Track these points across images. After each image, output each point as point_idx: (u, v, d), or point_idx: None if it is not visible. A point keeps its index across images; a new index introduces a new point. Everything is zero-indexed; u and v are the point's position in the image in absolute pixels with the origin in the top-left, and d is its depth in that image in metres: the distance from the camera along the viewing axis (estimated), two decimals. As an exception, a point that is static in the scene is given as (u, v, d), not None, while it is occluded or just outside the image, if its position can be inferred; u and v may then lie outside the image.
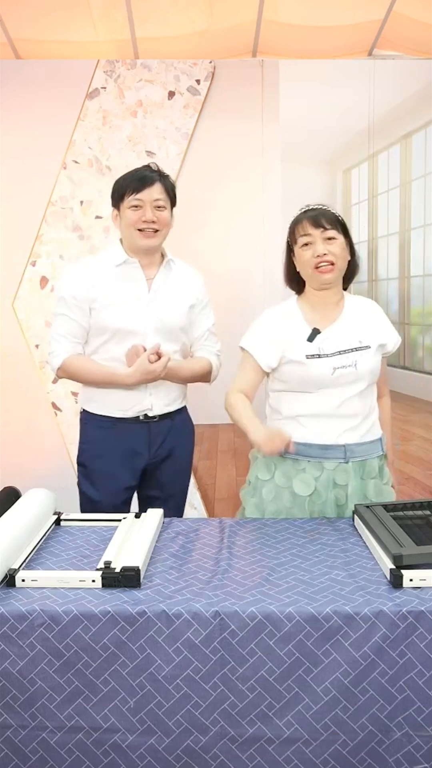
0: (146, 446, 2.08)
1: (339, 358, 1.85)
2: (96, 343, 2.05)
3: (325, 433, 1.86)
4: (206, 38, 2.99)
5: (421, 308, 3.27)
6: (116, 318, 2.01)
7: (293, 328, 1.90)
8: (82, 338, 2.06)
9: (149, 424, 2.07)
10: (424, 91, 3.12)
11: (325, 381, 1.85)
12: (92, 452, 2.09)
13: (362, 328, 1.91)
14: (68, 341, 2.04)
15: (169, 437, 2.11)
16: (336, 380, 1.85)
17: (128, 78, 3.06)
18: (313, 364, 1.85)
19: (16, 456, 3.16)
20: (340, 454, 1.86)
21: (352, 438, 1.87)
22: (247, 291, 3.17)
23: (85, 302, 2.01)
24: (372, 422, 1.93)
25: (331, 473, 1.87)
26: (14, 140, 3.05)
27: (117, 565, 1.43)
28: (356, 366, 1.85)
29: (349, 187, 3.24)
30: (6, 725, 1.35)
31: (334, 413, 1.86)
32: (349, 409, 1.87)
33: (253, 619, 1.31)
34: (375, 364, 1.90)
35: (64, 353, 2.04)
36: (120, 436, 2.06)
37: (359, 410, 1.88)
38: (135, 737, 1.33)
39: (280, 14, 2.88)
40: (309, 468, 1.87)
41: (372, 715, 1.31)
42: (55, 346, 2.06)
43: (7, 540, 1.50)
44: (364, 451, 1.89)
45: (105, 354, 2.04)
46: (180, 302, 2.09)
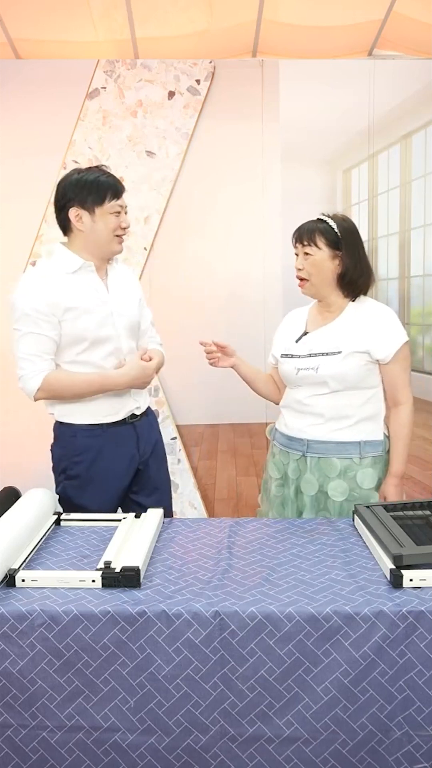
0: (135, 446, 2.07)
1: (305, 360, 1.97)
2: (72, 354, 1.96)
3: (292, 425, 2.01)
4: (206, 38, 2.99)
5: (421, 308, 3.27)
6: (91, 324, 1.95)
7: (293, 328, 2.08)
8: (53, 353, 1.95)
9: (134, 424, 2.07)
10: (424, 91, 3.12)
11: (291, 379, 2.01)
12: (87, 463, 2.00)
13: (345, 334, 1.94)
14: (41, 359, 1.92)
15: (150, 434, 2.13)
16: (301, 380, 1.98)
17: (128, 78, 3.06)
18: (284, 363, 2.02)
19: (16, 456, 3.16)
20: (300, 446, 1.99)
21: (314, 434, 1.96)
22: (247, 291, 3.17)
23: (53, 314, 1.90)
24: (346, 425, 1.94)
25: (294, 462, 2.00)
26: (14, 140, 3.05)
27: (117, 565, 1.44)
28: (317, 370, 1.93)
29: (349, 187, 3.24)
30: (6, 724, 1.35)
31: (301, 408, 1.99)
32: (314, 408, 1.96)
33: (253, 619, 1.31)
34: (343, 371, 1.91)
35: (40, 372, 1.92)
36: (111, 441, 2.02)
37: (325, 410, 1.95)
38: (135, 736, 1.34)
39: (280, 14, 2.88)
40: (279, 455, 2.06)
41: (372, 714, 1.31)
42: (28, 367, 1.92)
43: (7, 540, 1.50)
44: (327, 450, 1.94)
45: (83, 362, 1.97)
46: (132, 298, 2.09)
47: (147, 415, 2.14)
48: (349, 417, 1.94)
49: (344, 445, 1.94)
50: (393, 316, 1.98)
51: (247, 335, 3.15)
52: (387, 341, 1.92)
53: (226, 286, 3.18)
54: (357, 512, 1.73)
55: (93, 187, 1.93)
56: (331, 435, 1.94)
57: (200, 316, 3.11)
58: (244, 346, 3.14)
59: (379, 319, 1.95)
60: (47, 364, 1.94)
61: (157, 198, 3.11)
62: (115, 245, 2.00)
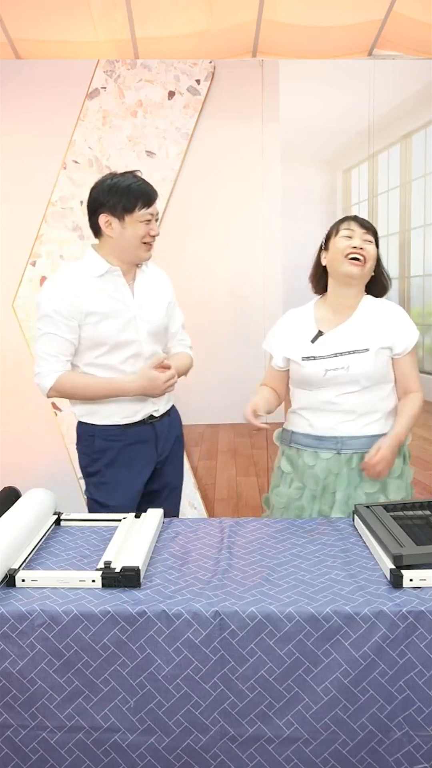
0: (154, 447, 2.09)
1: (332, 361, 1.94)
2: (91, 357, 1.99)
3: (320, 425, 1.98)
4: (206, 38, 2.99)
5: (421, 308, 3.27)
6: (112, 330, 1.97)
7: (302, 329, 2.03)
8: (71, 355, 1.99)
9: (154, 425, 2.08)
10: (424, 91, 3.12)
11: (318, 381, 1.96)
12: (105, 462, 2.04)
13: (367, 330, 1.96)
14: (57, 360, 1.96)
15: (170, 434, 2.13)
16: (328, 381, 1.95)
17: (128, 78, 3.06)
18: (308, 366, 1.96)
19: (16, 456, 3.16)
20: (332, 444, 1.96)
21: (346, 430, 1.96)
22: (247, 291, 3.17)
23: (73, 318, 1.94)
24: (376, 419, 1.97)
25: (325, 462, 1.97)
26: (14, 140, 3.05)
27: (117, 565, 1.44)
28: (348, 369, 1.93)
29: (349, 187, 3.24)
30: (6, 725, 1.35)
31: (329, 408, 1.97)
32: (343, 405, 1.95)
33: (253, 619, 1.31)
34: (374, 367, 1.93)
35: (54, 373, 1.96)
36: (130, 441, 2.04)
37: (355, 406, 1.95)
38: (135, 737, 1.34)
39: (280, 14, 2.88)
40: (306, 456, 2.00)
41: (372, 714, 1.31)
42: (44, 366, 1.97)
43: (7, 540, 1.50)
44: (361, 445, 1.95)
45: (102, 365, 2.00)
46: (160, 302, 2.09)
47: (169, 415, 2.14)
48: (378, 411, 1.97)
49: (376, 438, 1.94)
50: (405, 313, 2.04)
51: (247, 335, 3.15)
52: (406, 336, 1.97)
53: (226, 286, 3.18)
54: (357, 512, 1.73)
55: (124, 194, 1.94)
56: (363, 430, 1.95)
57: (200, 316, 3.11)
58: (244, 346, 3.15)
59: (397, 316, 2.01)
60: (62, 365, 1.98)
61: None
62: (143, 252, 2.01)
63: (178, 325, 2.18)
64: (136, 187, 1.94)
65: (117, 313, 1.98)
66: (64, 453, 3.17)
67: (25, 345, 3.14)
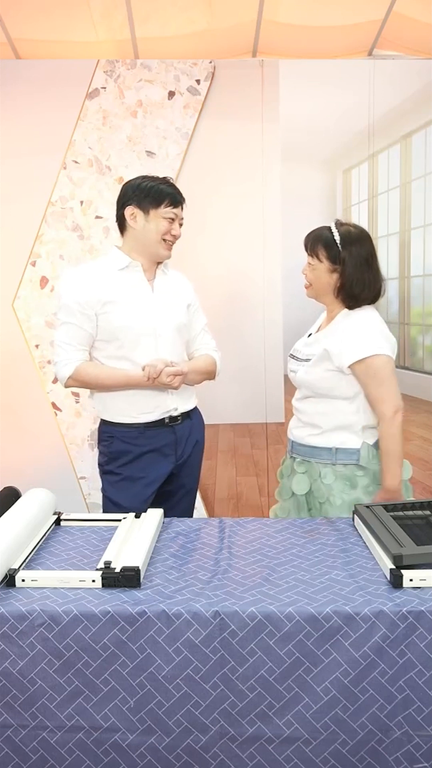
0: (173, 449, 2.10)
1: (292, 363, 2.07)
2: (110, 349, 2.02)
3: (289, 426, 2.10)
4: (206, 38, 2.99)
5: (421, 308, 3.27)
6: (127, 320, 2.00)
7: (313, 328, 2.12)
8: (89, 345, 2.03)
9: (174, 427, 2.09)
10: (424, 91, 3.12)
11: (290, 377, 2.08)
12: (123, 461, 2.06)
13: (323, 341, 1.97)
14: (75, 349, 2.02)
15: (190, 437, 2.15)
16: (293, 380, 2.07)
17: (128, 78, 3.06)
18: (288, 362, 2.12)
19: (16, 456, 3.16)
20: (289, 446, 2.09)
21: (295, 435, 2.04)
22: (247, 291, 3.17)
23: (91, 308, 1.99)
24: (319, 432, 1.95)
25: (289, 460, 2.08)
26: (14, 140, 3.05)
27: (117, 565, 1.44)
28: (296, 374, 2.02)
29: (349, 187, 3.24)
30: (6, 725, 1.35)
31: (294, 409, 2.07)
32: (298, 409, 2.04)
33: (253, 619, 1.31)
34: (313, 379, 1.95)
35: (74, 361, 2.01)
36: (149, 442, 2.06)
37: (302, 413, 2.02)
38: (135, 736, 1.34)
39: (280, 14, 2.88)
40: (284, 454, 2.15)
41: (372, 714, 1.31)
42: (63, 354, 2.02)
43: (7, 540, 1.50)
44: (306, 453, 2.00)
45: (121, 358, 2.03)
46: (179, 302, 2.13)
47: (190, 417, 2.15)
48: (319, 426, 1.96)
49: (317, 450, 1.97)
50: (370, 328, 1.90)
51: (247, 335, 3.15)
52: (350, 350, 1.86)
53: (226, 285, 3.18)
54: (357, 512, 1.74)
55: (153, 191, 2.01)
56: (307, 439, 2.00)
57: (200, 316, 3.11)
58: (244, 346, 3.16)
59: (352, 329, 1.90)
60: (80, 354, 2.03)
61: (157, 198, 3.11)
62: (162, 249, 2.05)
63: (200, 327, 2.21)
64: (165, 187, 2.03)
65: (135, 305, 2.02)
66: (64, 453, 3.17)
67: (25, 345, 3.14)
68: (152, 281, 2.08)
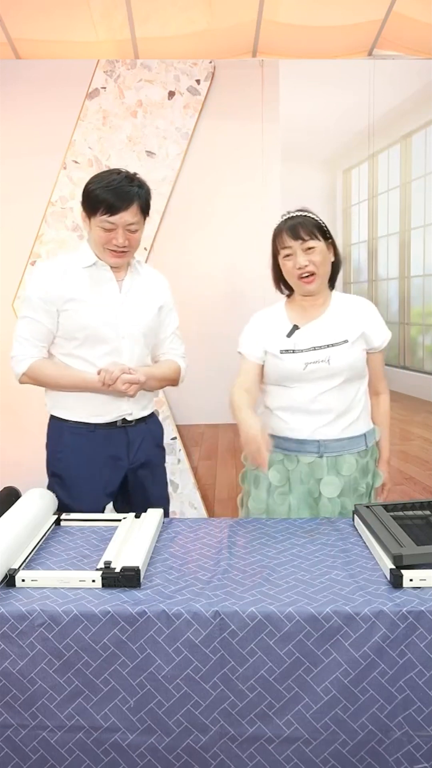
0: (125, 452, 2.03)
1: (312, 354, 1.89)
2: (68, 347, 1.96)
3: (301, 428, 1.91)
4: (206, 38, 2.99)
5: (421, 308, 3.27)
6: (89, 320, 1.94)
7: (276, 325, 1.98)
8: (47, 341, 1.97)
9: (126, 429, 2.02)
10: (424, 91, 3.12)
11: (298, 375, 1.90)
12: (70, 460, 1.99)
13: (343, 324, 1.93)
14: (32, 345, 1.95)
15: (145, 442, 2.07)
16: (308, 375, 1.89)
17: (128, 78, 3.06)
18: (287, 359, 1.91)
19: (16, 456, 3.16)
20: (314, 448, 1.91)
21: (327, 434, 1.91)
22: (246, 291, 3.17)
23: (52, 304, 1.92)
24: (354, 418, 1.93)
25: (306, 467, 1.92)
26: (14, 140, 3.05)
27: (117, 565, 1.44)
28: (329, 362, 1.89)
29: (349, 187, 3.24)
30: (6, 724, 1.35)
31: (309, 408, 1.91)
32: (323, 405, 1.90)
33: (253, 619, 1.31)
34: (353, 360, 1.91)
35: (29, 357, 1.95)
36: (99, 442, 1.99)
37: (334, 405, 1.90)
38: (135, 736, 1.34)
39: (280, 14, 2.88)
40: (285, 460, 1.94)
41: (372, 714, 1.31)
42: (19, 349, 1.96)
43: (7, 540, 1.50)
44: (341, 447, 1.92)
45: (78, 357, 1.97)
46: (149, 303, 2.05)
47: (146, 422, 2.08)
48: (354, 409, 1.93)
49: (354, 440, 1.93)
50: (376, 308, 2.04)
51: (247, 335, 3.15)
52: (382, 330, 1.98)
53: (226, 285, 3.17)
54: (357, 512, 1.74)
55: (90, 196, 1.90)
56: (343, 432, 1.91)
57: (200, 315, 3.11)
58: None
59: (371, 309, 2.00)
60: (38, 350, 1.97)
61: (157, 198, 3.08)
62: (107, 257, 1.96)
63: (170, 331, 2.12)
64: (106, 185, 1.88)
65: (98, 304, 1.95)
66: (64, 453, 3.17)
67: (25, 345, 3.14)
68: (121, 280, 2.01)
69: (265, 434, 1.71)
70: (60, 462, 2.01)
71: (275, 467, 1.93)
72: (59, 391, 2.00)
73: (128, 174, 1.93)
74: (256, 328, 2.01)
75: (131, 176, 1.93)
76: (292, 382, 1.92)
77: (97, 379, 1.91)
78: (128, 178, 1.91)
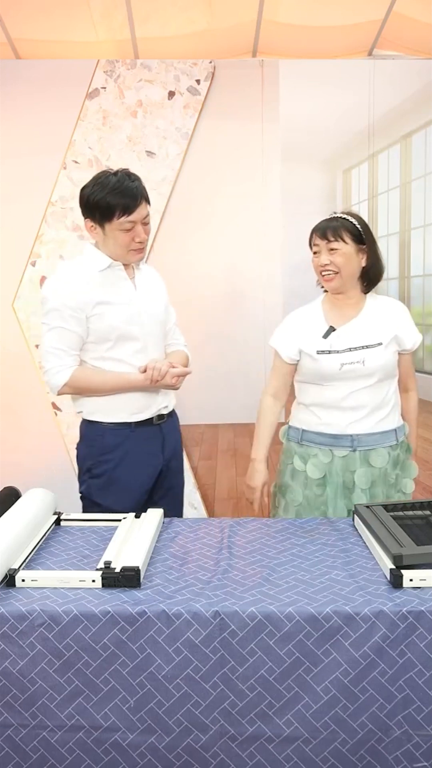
0: (161, 448, 2.08)
1: (348, 355, 1.98)
2: (100, 350, 1.98)
3: (335, 423, 2.01)
4: (206, 38, 2.99)
5: (421, 308, 3.27)
6: (118, 321, 1.96)
7: (312, 324, 2.05)
8: (79, 348, 1.98)
9: (160, 426, 2.07)
10: (424, 91, 3.12)
11: (333, 375, 1.99)
12: (116, 462, 2.01)
13: (377, 326, 2.01)
14: (68, 355, 1.95)
15: (173, 435, 2.14)
16: (343, 375, 1.98)
17: (128, 78, 3.06)
18: (323, 359, 1.99)
19: (16, 456, 3.16)
20: (348, 443, 2.00)
21: (360, 428, 2.00)
22: (247, 290, 3.17)
23: (81, 311, 1.93)
24: (385, 413, 2.02)
25: (340, 460, 2.01)
26: (14, 140, 3.05)
27: (117, 565, 1.44)
28: (364, 363, 1.97)
29: (349, 187, 3.24)
30: (6, 724, 1.35)
31: (342, 405, 2.00)
32: (357, 401, 1.99)
33: (253, 619, 1.31)
34: (387, 361, 1.99)
35: (67, 367, 1.95)
36: (139, 441, 2.02)
37: (367, 402, 1.99)
38: (135, 736, 1.34)
39: (280, 14, 2.88)
40: (320, 454, 2.03)
41: (372, 713, 1.31)
42: (54, 361, 1.95)
43: (7, 540, 1.50)
44: (374, 441, 2.00)
45: (111, 359, 1.99)
46: (159, 298, 2.10)
47: (171, 416, 2.14)
48: (387, 405, 2.02)
49: (386, 434, 2.02)
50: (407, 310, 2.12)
51: (247, 335, 3.15)
52: (414, 333, 2.06)
53: (226, 285, 3.18)
54: (357, 512, 1.74)
55: (101, 204, 1.89)
56: (376, 426, 2.00)
57: (200, 315, 3.11)
58: (244, 346, 3.15)
59: (403, 313, 2.07)
60: (73, 359, 1.97)
61: (157, 198, 3.11)
62: (130, 257, 1.98)
63: (172, 323, 2.19)
64: (113, 195, 1.88)
65: (123, 304, 1.98)
66: (64, 453, 3.17)
67: (25, 345, 3.14)
68: (133, 278, 2.04)
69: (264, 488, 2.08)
70: (106, 464, 2.01)
71: (311, 461, 2.03)
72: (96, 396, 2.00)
73: (123, 172, 1.94)
74: (292, 327, 2.08)
75: (127, 173, 1.95)
76: (328, 381, 2.00)
77: (143, 377, 1.95)
78: (127, 176, 1.93)
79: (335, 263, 1.97)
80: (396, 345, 2.02)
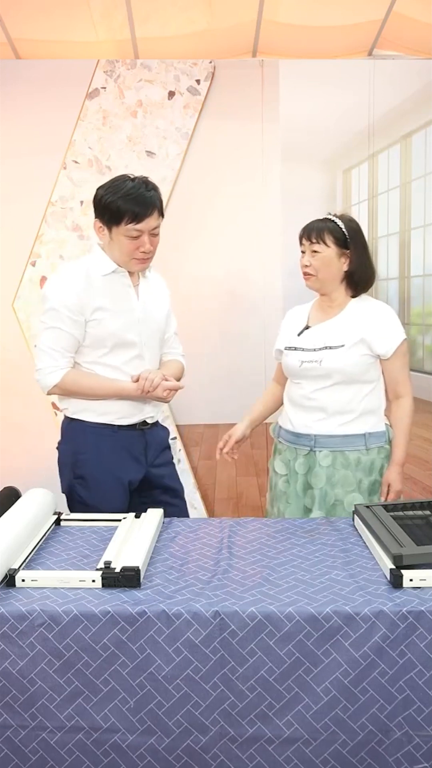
0: (143, 454, 2.06)
1: (308, 354, 2.01)
2: (94, 355, 1.97)
3: (297, 422, 2.04)
4: (206, 38, 2.99)
5: (421, 308, 3.27)
6: (116, 328, 1.95)
7: (296, 322, 2.13)
8: (74, 351, 1.96)
9: (144, 431, 2.05)
10: (424, 91, 3.12)
11: (294, 371, 2.04)
12: (96, 461, 1.99)
13: (348, 328, 2.00)
14: (62, 356, 1.94)
15: (157, 443, 2.11)
16: (303, 372, 2.02)
17: (128, 78, 3.06)
18: (288, 355, 2.07)
19: (16, 456, 3.16)
20: (308, 442, 2.02)
21: (320, 429, 2.00)
22: (247, 291, 3.17)
23: (81, 314, 1.92)
24: (351, 418, 1.99)
25: (303, 458, 2.03)
26: (14, 140, 3.05)
27: (117, 565, 1.43)
28: (321, 363, 1.98)
29: (349, 187, 3.24)
30: (6, 725, 1.35)
31: (305, 404, 2.03)
32: (318, 402, 2.00)
33: (253, 619, 1.31)
34: (346, 364, 1.97)
35: (60, 369, 1.94)
36: (121, 443, 2.01)
37: (328, 404, 1.99)
38: (135, 737, 1.33)
39: (280, 14, 2.88)
40: (285, 451, 2.09)
41: (372, 714, 1.31)
42: (48, 361, 1.94)
43: (7, 540, 1.50)
44: (335, 444, 1.99)
45: (105, 365, 1.98)
46: (161, 308, 2.09)
47: (157, 425, 2.13)
48: (353, 411, 1.99)
49: (351, 438, 1.99)
50: (393, 314, 2.05)
51: (247, 335, 3.15)
52: (387, 337, 1.99)
53: (226, 286, 3.18)
54: (357, 512, 1.73)
55: (111, 207, 1.89)
56: (337, 429, 1.99)
57: (200, 316, 3.11)
58: (244, 346, 3.15)
59: (380, 316, 2.02)
60: (66, 361, 1.96)
61: (157, 198, 3.11)
62: (132, 266, 1.97)
63: (172, 332, 2.17)
64: (125, 201, 1.88)
65: (123, 311, 1.97)
66: (64, 453, 3.17)
67: (25, 345, 3.14)
68: (137, 286, 2.02)
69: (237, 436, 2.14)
70: (85, 463, 2.01)
71: (279, 457, 2.10)
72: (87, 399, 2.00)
73: (141, 179, 1.94)
74: (285, 322, 2.18)
75: (146, 181, 1.94)
76: (293, 377, 2.06)
77: (135, 387, 1.94)
78: (144, 184, 1.92)
79: (313, 265, 2.00)
80: (366, 349, 1.97)
